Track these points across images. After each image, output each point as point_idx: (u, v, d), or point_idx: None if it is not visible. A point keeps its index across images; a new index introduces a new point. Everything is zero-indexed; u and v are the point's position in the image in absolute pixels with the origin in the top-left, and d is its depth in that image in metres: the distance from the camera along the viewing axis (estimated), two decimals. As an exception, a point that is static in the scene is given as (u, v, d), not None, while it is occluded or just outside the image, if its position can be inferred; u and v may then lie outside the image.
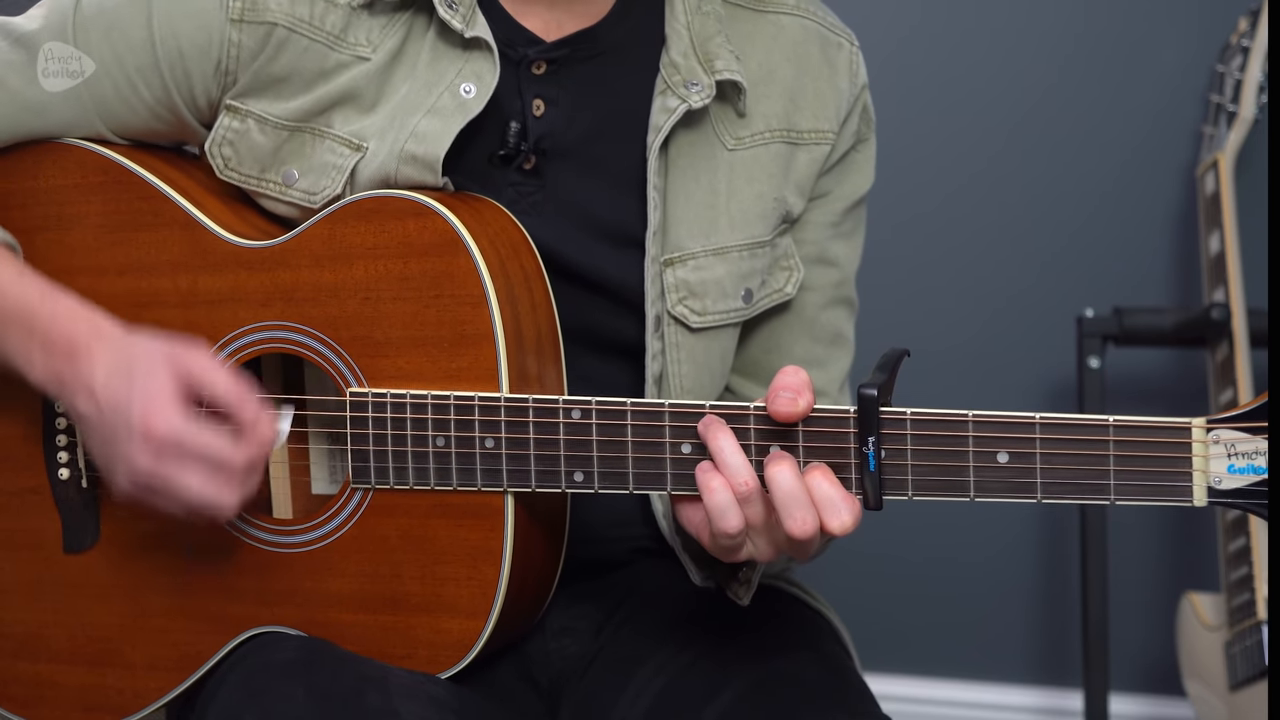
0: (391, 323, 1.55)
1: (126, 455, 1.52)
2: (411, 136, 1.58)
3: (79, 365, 1.54)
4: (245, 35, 1.59)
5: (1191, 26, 2.75)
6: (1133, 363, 2.79)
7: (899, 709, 2.80)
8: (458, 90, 1.59)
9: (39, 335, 1.57)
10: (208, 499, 1.51)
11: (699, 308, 1.66)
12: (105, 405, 1.53)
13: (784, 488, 1.42)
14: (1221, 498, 1.38)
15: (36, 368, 1.57)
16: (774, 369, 1.74)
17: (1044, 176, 2.84)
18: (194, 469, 1.50)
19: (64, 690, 1.69)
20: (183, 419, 1.50)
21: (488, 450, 1.52)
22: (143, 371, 1.52)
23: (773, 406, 1.43)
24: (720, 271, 1.66)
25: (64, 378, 1.56)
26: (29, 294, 1.59)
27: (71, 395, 1.55)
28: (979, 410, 1.42)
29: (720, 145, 1.67)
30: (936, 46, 2.85)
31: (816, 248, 1.75)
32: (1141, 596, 2.86)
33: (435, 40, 1.60)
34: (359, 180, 1.60)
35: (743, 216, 1.67)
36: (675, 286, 1.65)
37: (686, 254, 1.65)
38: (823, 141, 1.71)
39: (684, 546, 1.62)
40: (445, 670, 1.56)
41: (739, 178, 1.67)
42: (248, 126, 1.61)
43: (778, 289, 1.73)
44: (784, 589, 1.75)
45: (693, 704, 1.57)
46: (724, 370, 1.72)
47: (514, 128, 1.61)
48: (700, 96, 1.63)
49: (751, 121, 1.68)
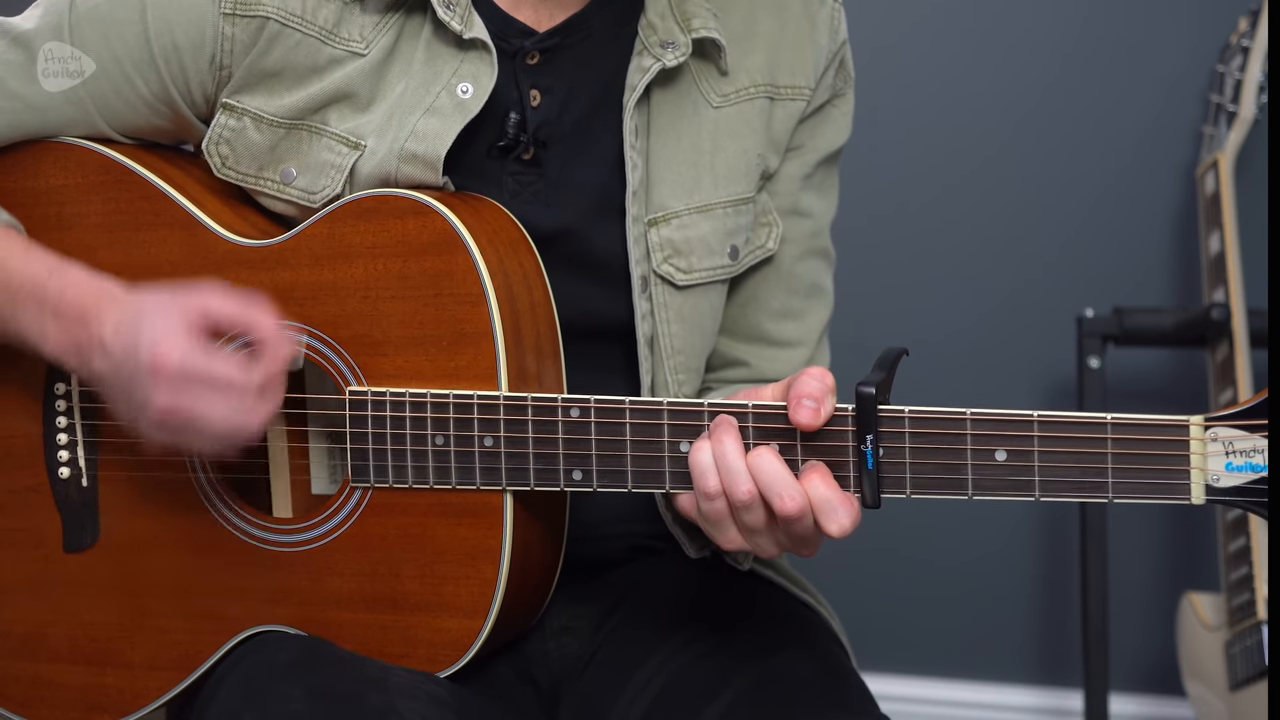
0: (391, 322, 1.55)
1: (145, 398, 1.51)
2: (411, 135, 1.58)
3: (90, 327, 1.55)
4: (238, 29, 1.59)
5: (1191, 26, 2.75)
6: (1133, 363, 2.79)
7: (899, 709, 2.81)
8: (455, 90, 1.59)
9: (50, 307, 1.57)
10: (231, 422, 1.51)
11: (684, 265, 1.66)
12: (117, 355, 1.52)
13: (767, 471, 1.42)
14: (1219, 495, 1.38)
15: (50, 339, 1.58)
16: (752, 323, 1.75)
17: (1044, 176, 2.84)
18: (211, 395, 1.49)
19: (63, 690, 1.69)
20: (192, 349, 1.49)
21: (486, 449, 1.52)
22: (149, 314, 1.52)
23: (794, 416, 1.43)
24: (705, 229, 1.67)
25: (79, 342, 1.56)
26: (37, 269, 1.59)
27: (88, 357, 1.55)
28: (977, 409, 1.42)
29: (705, 103, 1.67)
30: (937, 45, 2.85)
31: (789, 199, 1.75)
32: (1141, 596, 2.86)
33: (430, 39, 1.60)
34: (358, 178, 1.60)
35: (728, 173, 1.68)
36: (660, 245, 1.65)
37: (670, 213, 1.65)
38: (799, 97, 1.72)
39: (675, 520, 1.62)
40: (444, 669, 1.56)
41: (724, 134, 1.68)
42: (244, 124, 1.62)
43: (760, 245, 1.73)
44: (783, 586, 1.74)
45: (692, 703, 1.57)
46: (714, 329, 1.72)
47: (513, 119, 1.61)
48: (675, 55, 1.63)
49: (736, 78, 1.69)
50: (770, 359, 1.76)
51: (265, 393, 1.51)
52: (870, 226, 2.84)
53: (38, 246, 1.63)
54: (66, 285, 1.58)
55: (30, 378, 1.68)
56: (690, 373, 1.68)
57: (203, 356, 1.49)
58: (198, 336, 1.51)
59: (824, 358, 1.81)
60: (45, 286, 1.58)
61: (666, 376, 1.66)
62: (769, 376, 1.75)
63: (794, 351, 1.77)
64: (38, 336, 1.58)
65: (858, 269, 2.71)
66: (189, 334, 1.50)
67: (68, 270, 1.59)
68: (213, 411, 1.50)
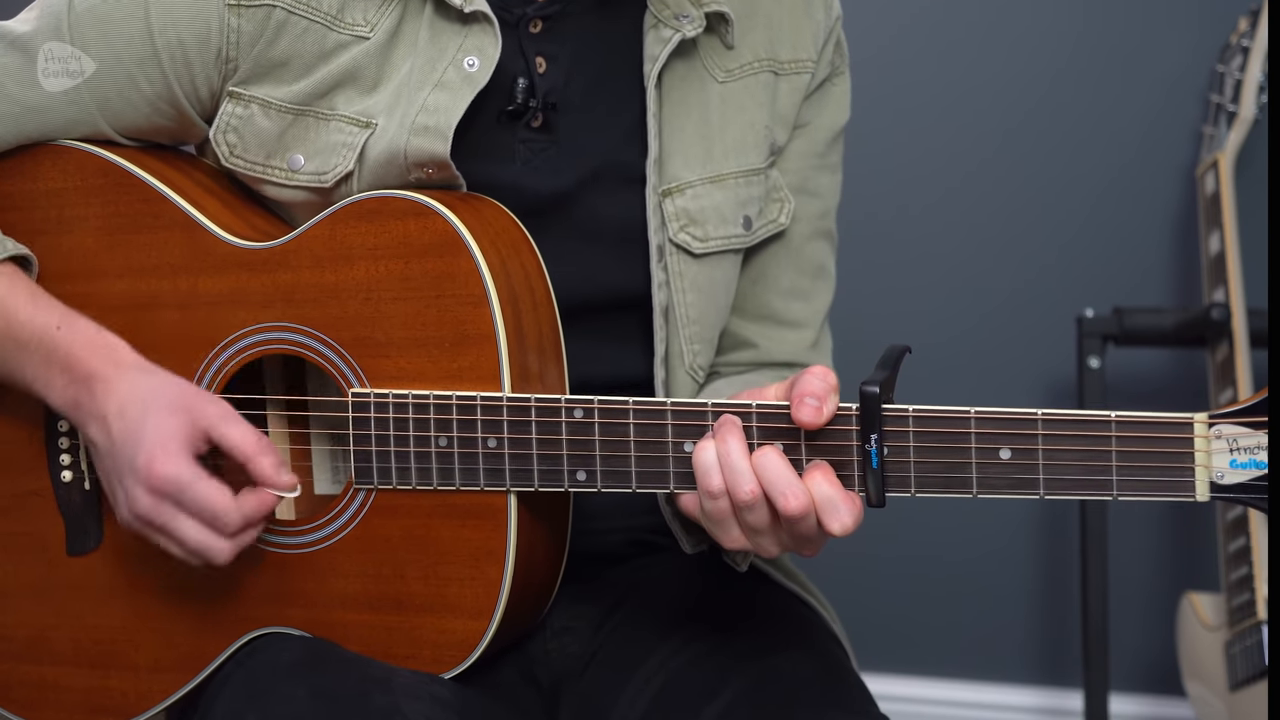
0: (393, 323, 1.55)
1: (129, 491, 1.54)
2: (422, 110, 1.58)
3: (95, 394, 1.56)
4: (244, 20, 1.59)
5: (1191, 26, 2.75)
6: (1133, 363, 2.79)
7: (899, 709, 2.81)
8: (461, 64, 1.59)
9: (58, 362, 1.58)
10: (200, 547, 1.54)
11: (700, 234, 1.67)
12: (116, 439, 1.55)
13: (771, 471, 1.42)
14: (1223, 492, 1.38)
15: (55, 392, 1.59)
16: (761, 300, 1.76)
17: (1044, 176, 2.84)
18: (188, 520, 1.53)
19: (68, 693, 1.69)
20: (186, 468, 1.52)
21: (490, 450, 1.52)
22: (156, 412, 1.54)
23: (797, 414, 1.43)
24: (719, 198, 1.68)
25: (81, 404, 1.57)
26: (47, 320, 1.60)
27: (86, 421, 1.57)
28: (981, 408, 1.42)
29: (710, 79, 1.69)
30: (937, 45, 2.85)
31: (799, 177, 1.77)
32: (1141, 596, 2.86)
33: (433, 16, 1.61)
34: (369, 157, 1.60)
35: (737, 145, 1.69)
36: (675, 215, 1.66)
37: (684, 183, 1.66)
38: (803, 70, 1.74)
39: (674, 515, 1.62)
40: (449, 670, 1.56)
41: (730, 108, 1.69)
42: (251, 112, 1.62)
43: (772, 219, 1.74)
44: (784, 585, 1.75)
45: (691, 703, 1.57)
46: (728, 300, 1.73)
47: (521, 84, 1.62)
48: (692, 26, 1.65)
49: (739, 53, 1.70)
50: (779, 340, 1.77)
51: (242, 531, 1.54)
52: (870, 226, 2.83)
53: (44, 293, 1.63)
54: (75, 342, 1.59)
55: (32, 381, 1.68)
56: (705, 343, 1.68)
57: (193, 481, 1.52)
58: (196, 452, 1.54)
59: (827, 340, 1.83)
60: (55, 340, 1.59)
61: (682, 346, 1.66)
62: (776, 359, 1.77)
63: (800, 332, 1.78)
64: (43, 386, 1.60)
65: (858, 269, 2.71)
66: (187, 450, 1.53)
67: (76, 323, 1.60)
68: (185, 532, 1.54)
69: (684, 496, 1.49)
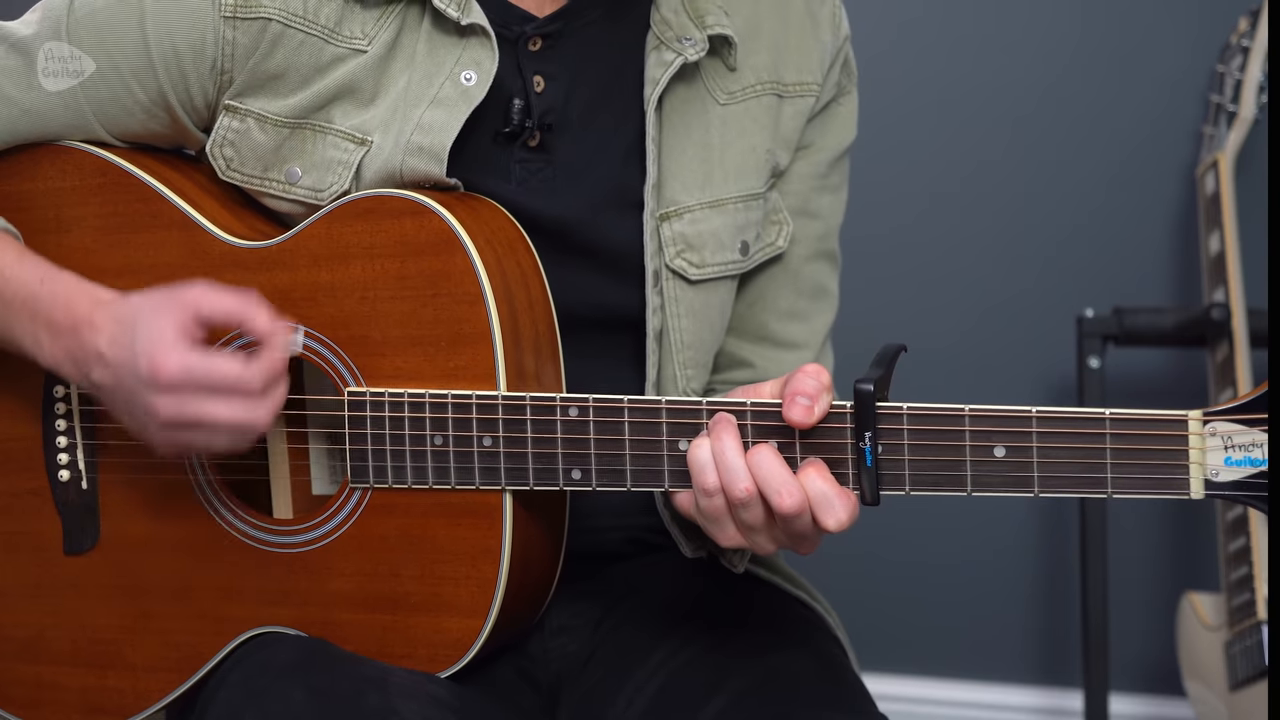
0: (389, 322, 1.55)
1: (148, 407, 1.51)
2: (417, 128, 1.58)
3: (83, 337, 1.55)
4: (239, 32, 1.59)
5: (1191, 26, 2.75)
6: (1133, 363, 2.79)
7: (898, 709, 2.81)
8: (458, 79, 1.59)
9: (43, 318, 1.57)
10: (239, 421, 1.50)
11: (697, 260, 1.66)
12: (115, 366, 1.52)
13: (765, 469, 1.42)
14: (1219, 490, 1.38)
15: (45, 349, 1.58)
16: (759, 322, 1.75)
17: (1044, 176, 2.84)
18: (215, 399, 1.49)
19: (65, 692, 1.69)
20: (188, 354, 1.49)
21: (486, 449, 1.52)
22: (142, 322, 1.51)
23: (788, 413, 1.43)
24: (717, 223, 1.67)
25: (74, 353, 1.56)
26: (29, 278, 1.59)
27: (85, 368, 1.55)
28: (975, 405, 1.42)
29: (712, 100, 1.68)
30: (937, 45, 2.86)
31: (800, 199, 1.76)
32: (1141, 596, 2.86)
33: (431, 30, 1.61)
34: (365, 175, 1.60)
35: (737, 170, 1.68)
36: (673, 240, 1.65)
37: (682, 208, 1.66)
38: (807, 94, 1.73)
39: (673, 518, 1.62)
40: (445, 669, 1.56)
41: (731, 132, 1.68)
42: (248, 126, 1.62)
43: (770, 243, 1.73)
44: (782, 586, 1.75)
45: (690, 703, 1.57)
46: (723, 325, 1.72)
47: (517, 104, 1.61)
48: (695, 50, 1.64)
49: (741, 75, 1.69)
50: (776, 361, 1.77)
51: (269, 388, 1.51)
52: (870, 226, 2.83)
53: (31, 253, 1.63)
54: (58, 294, 1.57)
55: (29, 380, 1.68)
56: (699, 368, 1.68)
57: (201, 360, 1.49)
58: (193, 339, 1.50)
59: (828, 362, 1.81)
60: (38, 296, 1.58)
61: (675, 371, 1.66)
62: (773, 379, 1.75)
63: (799, 354, 1.77)
64: (33, 346, 1.59)
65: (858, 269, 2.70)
66: (184, 338, 1.50)
67: (59, 278, 1.59)
68: (218, 414, 1.50)
69: (679, 495, 1.49)
